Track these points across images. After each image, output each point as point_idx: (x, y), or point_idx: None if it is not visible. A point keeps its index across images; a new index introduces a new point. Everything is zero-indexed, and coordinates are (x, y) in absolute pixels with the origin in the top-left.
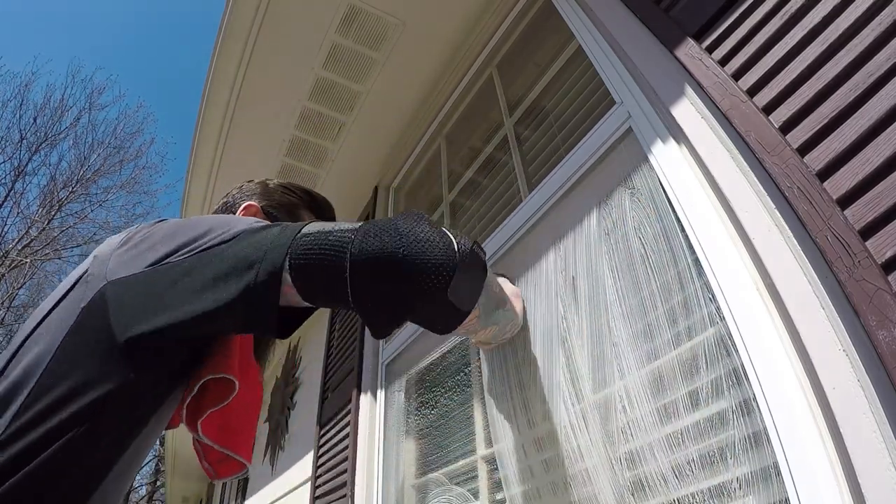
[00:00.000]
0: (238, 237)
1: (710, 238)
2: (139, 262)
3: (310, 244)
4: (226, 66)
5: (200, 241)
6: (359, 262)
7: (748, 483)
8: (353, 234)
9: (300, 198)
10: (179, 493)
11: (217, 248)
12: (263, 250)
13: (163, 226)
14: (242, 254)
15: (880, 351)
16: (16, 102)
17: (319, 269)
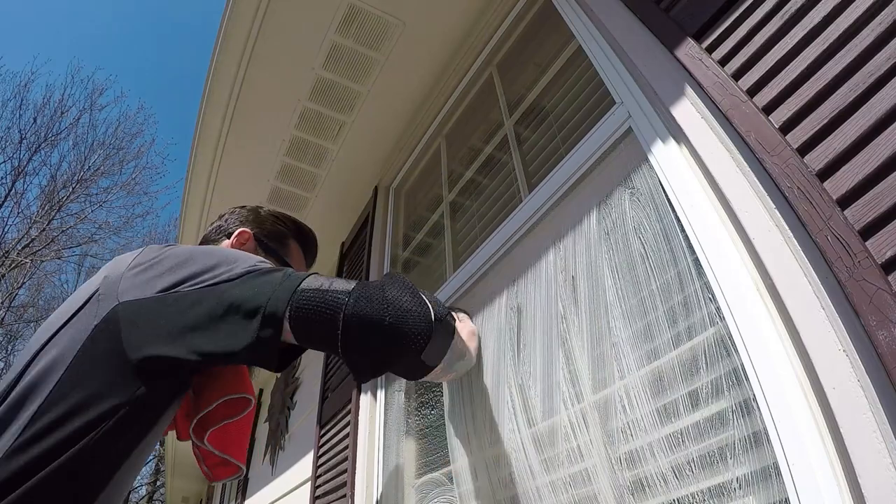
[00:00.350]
0: (243, 278)
1: (710, 238)
2: (150, 286)
3: (309, 299)
4: (226, 66)
5: (209, 275)
6: (350, 322)
7: (748, 483)
8: (347, 296)
9: (289, 228)
10: (179, 493)
11: (224, 286)
12: (267, 297)
13: (174, 252)
14: (248, 296)
15: (880, 351)
16: (15, 102)
17: (316, 323)
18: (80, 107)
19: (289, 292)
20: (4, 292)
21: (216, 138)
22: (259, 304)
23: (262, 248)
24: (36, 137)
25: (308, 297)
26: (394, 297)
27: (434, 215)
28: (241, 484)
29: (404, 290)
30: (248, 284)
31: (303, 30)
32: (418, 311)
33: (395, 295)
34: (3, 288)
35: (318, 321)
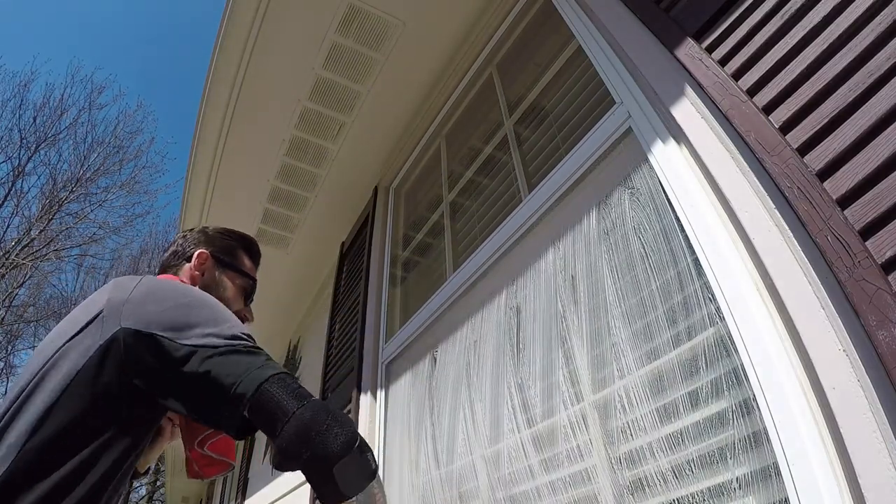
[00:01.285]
0: (228, 349)
1: (710, 238)
2: (149, 320)
3: (270, 395)
4: (226, 65)
5: (199, 331)
6: (292, 422)
7: (748, 483)
8: (299, 405)
9: (236, 240)
10: (179, 493)
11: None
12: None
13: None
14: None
15: (880, 351)
16: (15, 102)
17: (267, 412)
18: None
19: (257, 383)
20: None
21: (216, 138)
22: (231, 382)
23: (219, 264)
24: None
25: (269, 393)
26: (333, 421)
27: (434, 215)
28: (241, 484)
29: (344, 423)
30: (232, 359)
31: (303, 30)
32: (343, 440)
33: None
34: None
35: (267, 413)
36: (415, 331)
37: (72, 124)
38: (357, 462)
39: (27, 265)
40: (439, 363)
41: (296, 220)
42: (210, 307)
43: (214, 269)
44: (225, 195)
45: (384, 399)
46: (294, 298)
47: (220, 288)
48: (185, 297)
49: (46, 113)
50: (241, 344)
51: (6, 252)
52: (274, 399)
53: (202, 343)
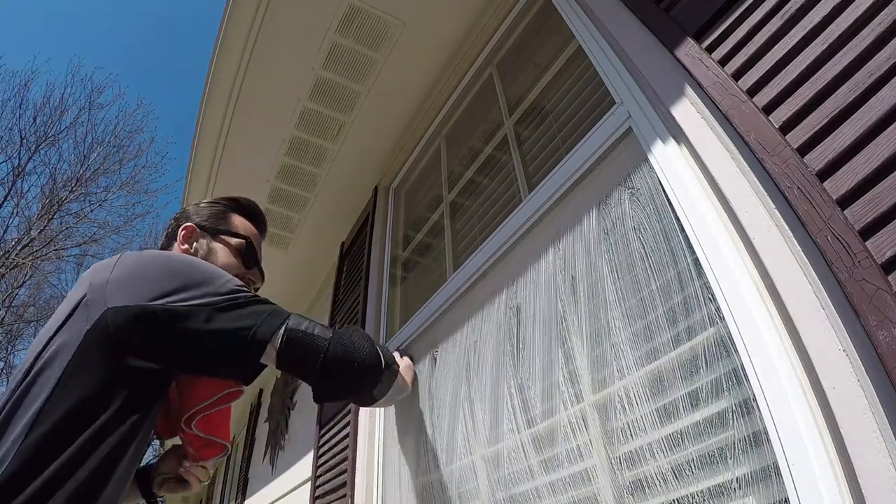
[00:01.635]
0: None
1: (710, 238)
2: (138, 293)
3: (299, 339)
4: (226, 65)
5: (195, 292)
6: (328, 363)
7: (748, 483)
8: (328, 342)
9: (225, 205)
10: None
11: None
12: (254, 326)
13: (156, 261)
14: (236, 323)
15: (880, 351)
16: (15, 102)
17: (300, 359)
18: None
19: (276, 326)
20: (4, 292)
21: (216, 138)
22: (246, 331)
23: (207, 233)
24: (36, 137)
25: (298, 336)
26: (361, 346)
27: (434, 215)
28: (241, 484)
29: (365, 343)
30: (236, 313)
31: (303, 30)
32: (374, 361)
33: (360, 346)
34: (3, 288)
35: (302, 357)
36: (415, 331)
37: (72, 124)
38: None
39: (27, 265)
40: (439, 363)
41: (296, 220)
42: (198, 267)
43: (203, 238)
44: (225, 195)
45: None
46: (294, 298)
47: (212, 256)
48: (169, 262)
49: (46, 113)
50: (241, 296)
51: (6, 252)
52: (302, 338)
53: (202, 302)
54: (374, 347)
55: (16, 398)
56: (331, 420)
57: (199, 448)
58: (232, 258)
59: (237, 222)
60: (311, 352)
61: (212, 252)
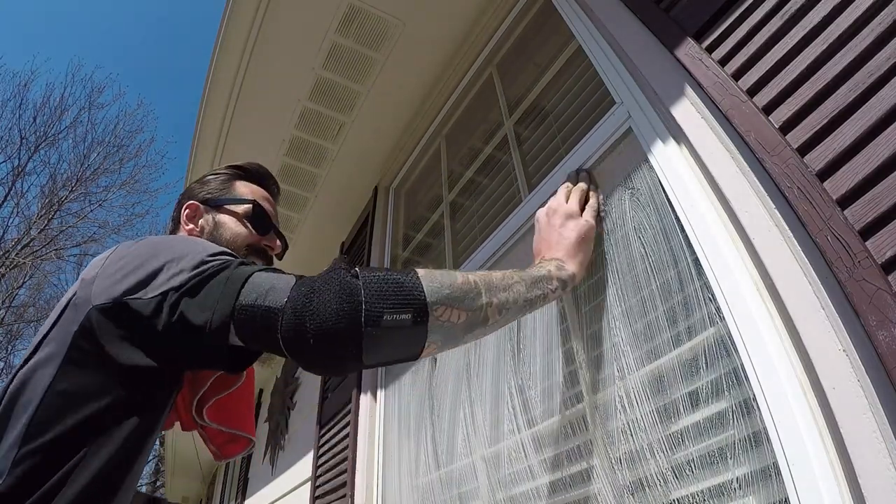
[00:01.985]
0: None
1: (710, 238)
2: (116, 289)
3: (247, 319)
4: (226, 65)
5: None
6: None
7: (748, 483)
8: (280, 313)
9: (228, 173)
10: (179, 493)
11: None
12: (211, 311)
13: (136, 250)
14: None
15: (880, 351)
16: (15, 102)
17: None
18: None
19: (229, 306)
20: (4, 292)
21: (216, 138)
22: (205, 319)
23: (211, 206)
24: (36, 137)
25: (246, 316)
26: (317, 307)
27: (434, 215)
28: (241, 484)
29: (332, 295)
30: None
31: (303, 30)
32: (340, 319)
33: (319, 303)
34: (3, 288)
35: (259, 338)
36: None
37: (72, 124)
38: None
39: (27, 265)
40: (439, 363)
41: (296, 220)
42: (172, 246)
43: (208, 213)
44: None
45: (384, 399)
46: None
47: (220, 229)
48: (150, 248)
49: (46, 112)
50: (208, 268)
51: (6, 252)
52: (252, 315)
53: (167, 287)
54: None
55: (6, 404)
56: (331, 420)
57: (221, 444)
58: (241, 227)
59: (242, 189)
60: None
61: (219, 225)
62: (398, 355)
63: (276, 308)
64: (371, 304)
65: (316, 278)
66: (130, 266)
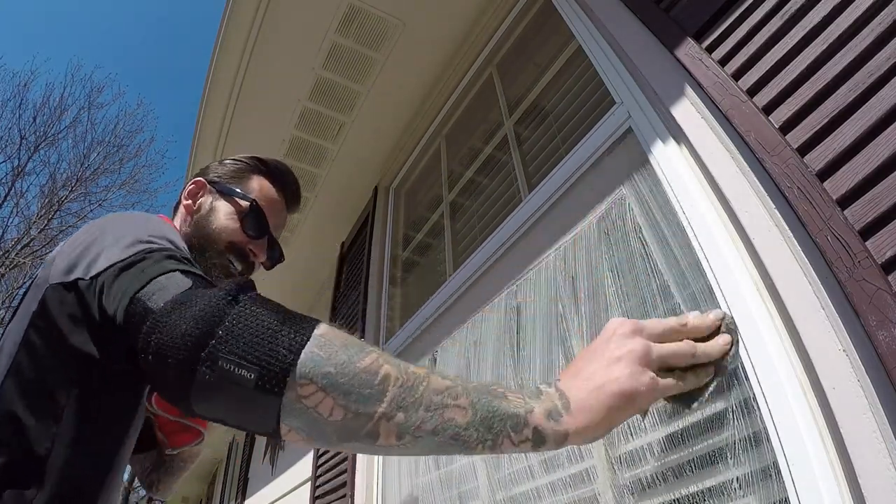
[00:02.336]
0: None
1: (710, 238)
2: (71, 267)
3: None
4: (226, 65)
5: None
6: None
7: (748, 483)
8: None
9: (250, 162)
10: (179, 493)
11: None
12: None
13: (86, 229)
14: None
15: (880, 351)
16: (15, 102)
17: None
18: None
19: (127, 297)
20: (4, 292)
21: (216, 138)
22: (113, 308)
23: (217, 190)
24: (36, 137)
25: (131, 311)
26: (174, 319)
27: (434, 215)
28: (241, 484)
29: (195, 310)
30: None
31: (303, 30)
32: (183, 341)
33: (178, 316)
34: (3, 288)
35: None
36: (415, 331)
37: (71, 123)
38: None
39: (27, 265)
40: (439, 363)
41: (296, 220)
42: (117, 226)
43: (210, 195)
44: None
45: None
46: (294, 298)
47: (212, 215)
48: (100, 227)
49: (46, 112)
50: (138, 252)
51: (6, 252)
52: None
53: (98, 270)
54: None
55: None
56: None
57: (169, 433)
58: (232, 222)
59: (255, 184)
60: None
61: (213, 211)
62: (240, 421)
63: (151, 310)
64: (222, 342)
65: (204, 292)
66: (82, 246)
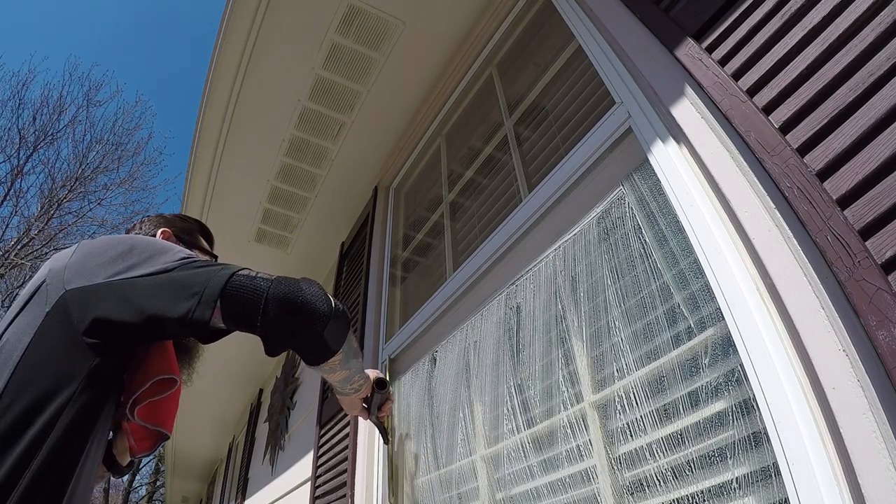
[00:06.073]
0: (183, 265)
1: (710, 238)
2: (96, 274)
3: (240, 284)
4: (226, 65)
5: (151, 263)
6: (269, 301)
7: (748, 483)
8: (269, 283)
9: (194, 224)
10: (179, 493)
11: (167, 273)
12: (205, 282)
13: (114, 243)
14: (190, 279)
15: (880, 351)
16: (14, 102)
17: (241, 304)
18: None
19: (224, 279)
20: (4, 292)
21: (216, 138)
22: (199, 285)
23: (182, 243)
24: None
25: (239, 282)
26: (306, 287)
27: (434, 215)
28: (241, 484)
29: (313, 284)
30: (190, 271)
31: (303, 30)
32: (323, 298)
33: (307, 286)
34: (3, 288)
35: (243, 302)
36: (415, 331)
37: (70, 123)
38: (339, 318)
39: (27, 265)
40: (439, 363)
41: (296, 220)
42: (153, 243)
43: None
44: (225, 196)
45: None
46: None
47: None
48: (124, 241)
49: (45, 112)
50: (194, 262)
51: (6, 252)
52: (243, 289)
53: (154, 270)
54: (323, 290)
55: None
56: (331, 420)
57: (139, 439)
58: None
59: (201, 242)
60: (251, 297)
61: None
62: (334, 342)
63: (266, 279)
64: (334, 299)
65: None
66: (109, 253)
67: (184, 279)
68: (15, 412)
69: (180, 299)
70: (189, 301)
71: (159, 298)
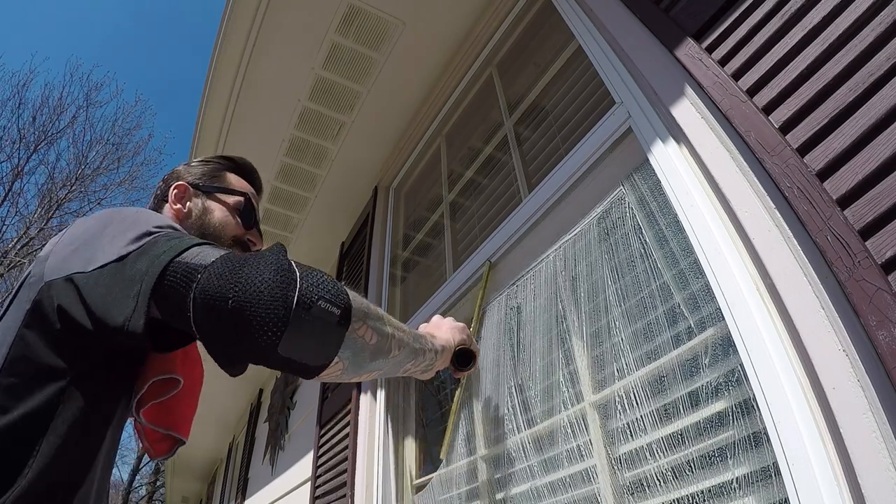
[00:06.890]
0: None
1: (710, 238)
2: (67, 265)
3: (173, 273)
4: (226, 65)
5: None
6: (196, 302)
7: (748, 483)
8: (203, 270)
9: (219, 163)
10: (179, 493)
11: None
12: (143, 275)
13: (90, 224)
14: (133, 273)
15: (880, 351)
16: (14, 102)
17: (173, 301)
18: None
19: (161, 267)
20: (4, 292)
21: (216, 138)
22: (137, 281)
23: (201, 191)
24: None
25: (175, 270)
26: (248, 274)
27: (434, 215)
28: (241, 484)
29: (268, 267)
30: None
31: (303, 30)
32: (273, 293)
33: (252, 272)
34: (3, 288)
35: (174, 303)
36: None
37: (70, 122)
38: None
39: (26, 265)
40: None
41: (296, 220)
42: (125, 218)
43: (197, 197)
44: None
45: (384, 399)
46: None
47: (208, 215)
48: (100, 221)
49: (46, 112)
50: (149, 240)
51: (5, 252)
52: (177, 283)
53: (108, 259)
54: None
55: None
56: (331, 420)
57: (153, 442)
58: (229, 217)
59: (233, 180)
60: (180, 292)
61: (207, 211)
62: (308, 357)
63: (200, 265)
64: (306, 287)
65: (254, 252)
66: (80, 240)
67: (129, 271)
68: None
69: (124, 299)
70: (129, 303)
71: (104, 300)
